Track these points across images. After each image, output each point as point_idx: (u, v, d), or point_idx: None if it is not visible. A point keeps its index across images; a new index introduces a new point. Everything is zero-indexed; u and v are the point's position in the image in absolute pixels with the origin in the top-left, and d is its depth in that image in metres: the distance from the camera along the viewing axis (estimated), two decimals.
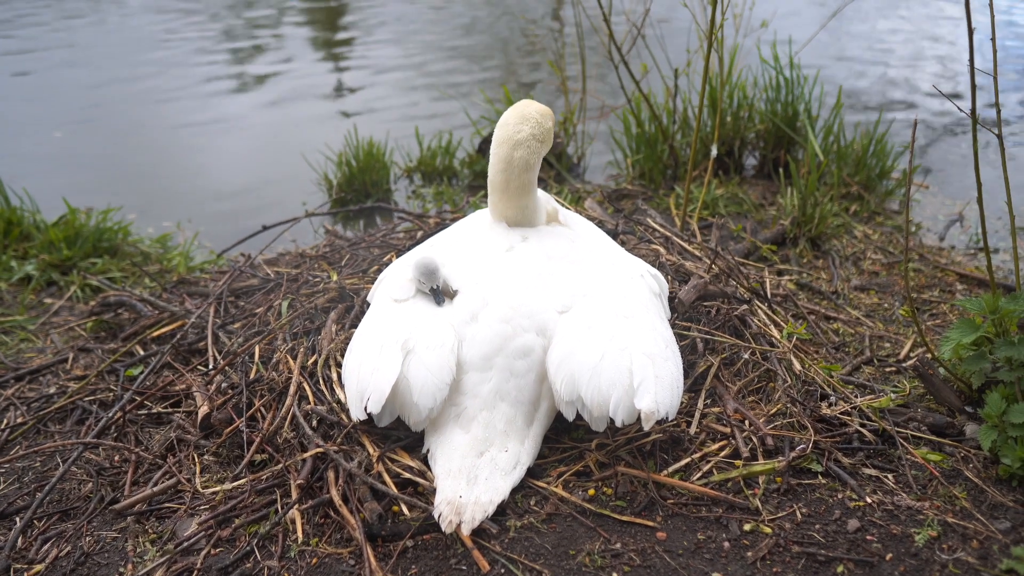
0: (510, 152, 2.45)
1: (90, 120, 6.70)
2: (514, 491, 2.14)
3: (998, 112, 2.49)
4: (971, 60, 2.39)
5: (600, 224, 3.50)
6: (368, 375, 2.19)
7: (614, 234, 3.40)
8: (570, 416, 2.19)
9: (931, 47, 8.10)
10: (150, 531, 2.22)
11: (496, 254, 2.49)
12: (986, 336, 2.47)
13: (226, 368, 2.78)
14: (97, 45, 9.07)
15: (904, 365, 2.92)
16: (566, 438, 2.38)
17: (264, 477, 2.30)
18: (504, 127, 2.47)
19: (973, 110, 2.41)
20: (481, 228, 2.65)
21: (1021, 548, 1.97)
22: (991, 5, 2.43)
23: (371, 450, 2.26)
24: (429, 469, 2.20)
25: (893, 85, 6.99)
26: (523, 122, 2.45)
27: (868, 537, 2.05)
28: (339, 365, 2.62)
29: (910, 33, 8.70)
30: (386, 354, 2.21)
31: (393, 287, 2.51)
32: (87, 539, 2.21)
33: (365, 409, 2.16)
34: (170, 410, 2.73)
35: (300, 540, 2.10)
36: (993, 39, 2.44)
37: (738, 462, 2.27)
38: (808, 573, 1.95)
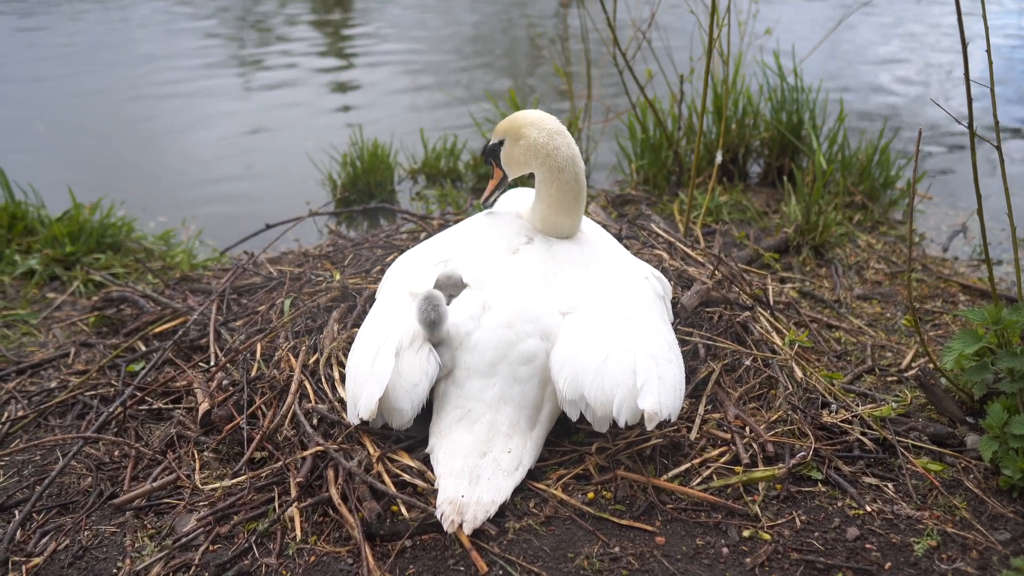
0: (574, 170, 2.48)
1: (93, 118, 6.71)
2: (514, 493, 2.13)
3: (996, 124, 2.49)
4: (966, 72, 2.40)
5: (604, 228, 3.50)
6: (363, 380, 2.21)
7: (618, 239, 3.39)
8: (574, 416, 2.19)
9: (938, 57, 8.11)
10: (149, 526, 2.22)
11: (501, 256, 2.50)
12: (988, 347, 2.47)
13: (227, 365, 2.78)
14: (101, 42, 9.10)
15: (906, 375, 2.91)
16: (566, 441, 2.38)
17: (264, 475, 2.30)
18: (555, 153, 2.46)
19: (970, 123, 2.42)
20: (488, 229, 2.66)
21: (1020, 559, 1.96)
22: (984, 18, 2.44)
23: (371, 450, 2.26)
24: (429, 470, 2.19)
25: (899, 95, 7.00)
26: (557, 136, 2.48)
27: (867, 546, 2.05)
28: (341, 364, 2.62)
29: (918, 43, 8.71)
30: (380, 360, 2.22)
31: (402, 279, 2.52)
32: (86, 533, 2.21)
33: (358, 415, 2.20)
34: (171, 406, 2.73)
35: (298, 538, 2.10)
36: (988, 51, 2.44)
37: (738, 468, 2.27)
38: None
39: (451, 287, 2.42)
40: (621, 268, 2.54)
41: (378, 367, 2.20)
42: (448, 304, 2.35)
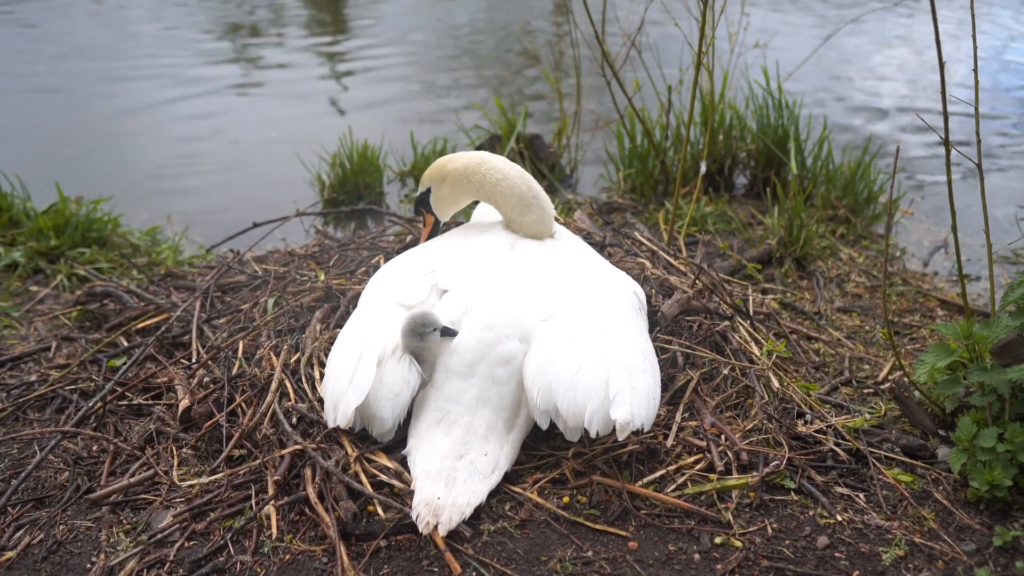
0: (507, 184, 2.69)
1: (81, 113, 6.69)
2: (489, 496, 2.15)
3: (978, 142, 2.54)
4: (943, 91, 2.45)
5: (588, 236, 3.54)
6: (343, 386, 2.23)
7: (601, 246, 3.43)
8: (544, 425, 2.21)
9: (925, 73, 8.20)
10: (124, 522, 2.22)
11: (483, 261, 2.53)
12: (960, 361, 2.52)
13: (209, 362, 2.78)
14: (90, 38, 9.06)
15: (882, 387, 2.95)
16: (543, 445, 2.40)
17: (241, 472, 2.31)
18: (482, 182, 2.71)
19: (947, 139, 2.46)
20: (473, 235, 2.70)
21: (984, 570, 2.00)
22: (974, 38, 2.49)
23: (349, 449, 2.27)
24: (406, 471, 2.21)
25: (884, 110, 7.08)
26: (478, 172, 2.70)
27: (836, 554, 2.08)
28: (322, 365, 2.63)
29: (904, 59, 8.81)
30: (361, 368, 2.24)
31: (387, 288, 2.54)
32: (61, 528, 2.21)
33: (336, 421, 2.23)
34: (151, 402, 2.73)
35: (274, 536, 2.11)
36: (975, 70, 2.50)
37: (712, 476, 2.30)
38: None
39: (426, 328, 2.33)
40: (601, 278, 2.57)
41: (359, 375, 2.22)
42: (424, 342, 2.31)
